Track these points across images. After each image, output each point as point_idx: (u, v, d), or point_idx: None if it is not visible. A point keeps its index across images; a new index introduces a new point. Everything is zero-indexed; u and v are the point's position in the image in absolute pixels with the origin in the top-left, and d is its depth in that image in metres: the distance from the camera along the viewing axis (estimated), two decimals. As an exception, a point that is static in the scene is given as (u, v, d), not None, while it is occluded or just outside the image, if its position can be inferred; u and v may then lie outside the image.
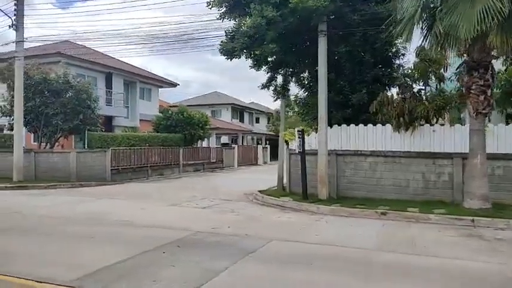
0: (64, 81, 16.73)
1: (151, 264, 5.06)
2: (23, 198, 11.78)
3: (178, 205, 10.73)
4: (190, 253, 5.66)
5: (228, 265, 4.98)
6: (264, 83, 13.72)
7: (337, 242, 6.56)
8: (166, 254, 5.53)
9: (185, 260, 5.26)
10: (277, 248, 6.09)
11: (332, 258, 5.62)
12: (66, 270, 4.74)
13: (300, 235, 7.11)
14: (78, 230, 7.22)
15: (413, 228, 7.80)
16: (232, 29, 12.42)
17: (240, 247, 6.02)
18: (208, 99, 47.52)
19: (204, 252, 5.69)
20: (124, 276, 4.55)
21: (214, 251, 5.75)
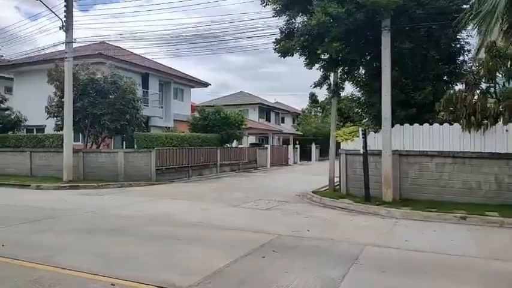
0: (111, 82, 16.86)
1: (261, 269, 4.87)
2: (83, 198, 11.86)
3: (238, 206, 10.55)
4: (292, 258, 5.43)
5: (343, 273, 4.73)
6: (316, 82, 13.43)
7: (434, 248, 6.20)
8: (268, 259, 5.32)
9: (293, 266, 5.02)
10: (376, 254, 5.79)
11: (442, 266, 5.28)
12: (180, 274, 4.59)
13: (389, 240, 6.78)
14: (160, 231, 7.11)
15: (504, 234, 7.35)
16: (288, 26, 12.26)
17: (338, 253, 5.76)
18: (234, 99, 47.53)
19: (306, 258, 5.45)
20: (245, 281, 4.36)
21: (316, 257, 5.51)
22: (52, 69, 17.08)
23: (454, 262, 5.48)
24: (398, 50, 10.77)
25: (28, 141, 18.21)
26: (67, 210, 9.21)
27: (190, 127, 24.55)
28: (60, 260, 5.16)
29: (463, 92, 10.36)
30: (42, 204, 10.49)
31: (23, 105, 22.32)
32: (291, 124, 55.47)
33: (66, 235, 6.76)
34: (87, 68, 17.08)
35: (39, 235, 6.70)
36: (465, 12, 8.92)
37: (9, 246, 5.81)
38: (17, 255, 5.34)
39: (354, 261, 5.27)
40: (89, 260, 5.18)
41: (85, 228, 7.31)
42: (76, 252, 5.63)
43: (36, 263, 5.01)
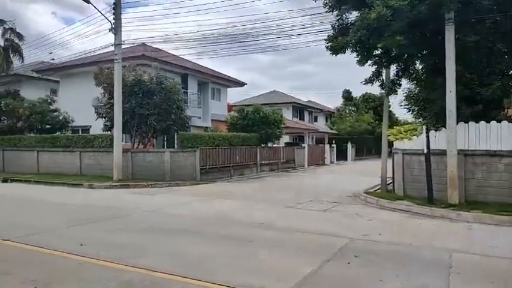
0: (157, 83, 17.07)
1: (353, 277, 4.62)
2: (137, 197, 12.01)
3: (293, 207, 10.31)
4: (379, 265, 5.13)
5: (445, 283, 4.38)
6: (368, 78, 12.95)
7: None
8: (354, 265, 5.05)
9: (385, 274, 4.73)
10: (468, 262, 5.38)
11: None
12: (269, 279, 4.42)
13: (471, 246, 6.33)
14: (228, 232, 6.99)
15: None
16: (340, 22, 11.90)
17: (426, 260, 5.40)
18: (268, 98, 47.32)
19: (393, 265, 5.14)
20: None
21: (404, 264, 5.18)
22: (99, 71, 17.48)
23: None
24: (462, 44, 10.16)
25: (77, 141, 18.77)
26: (128, 210, 9.30)
27: (228, 126, 24.57)
28: (142, 260, 5.12)
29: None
30: (100, 203, 10.69)
31: (68, 107, 23.07)
32: (324, 123, 54.65)
33: (137, 235, 6.77)
34: (134, 70, 17.36)
35: (112, 234, 6.74)
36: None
37: (88, 246, 5.86)
38: (98, 254, 5.35)
39: (449, 269, 4.90)
40: (170, 261, 5.11)
41: (152, 227, 7.31)
42: (154, 252, 5.58)
43: (119, 263, 4.99)
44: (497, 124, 10.30)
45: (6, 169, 20.77)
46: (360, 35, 9.99)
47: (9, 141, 21.27)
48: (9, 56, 20.09)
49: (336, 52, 11.94)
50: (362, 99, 57.21)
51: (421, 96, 11.97)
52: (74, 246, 5.79)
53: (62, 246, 5.80)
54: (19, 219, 8.14)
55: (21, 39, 20.17)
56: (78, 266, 4.94)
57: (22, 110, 20.67)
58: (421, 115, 12.52)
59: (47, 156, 19.39)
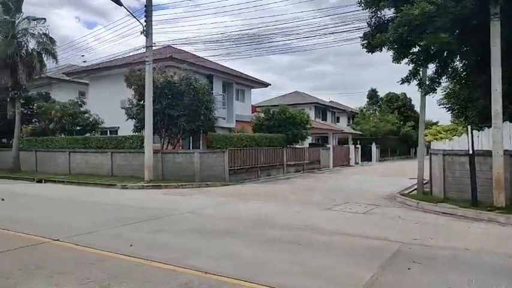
0: (186, 84, 17.15)
1: (421, 284, 4.40)
2: (170, 197, 12.06)
3: (331, 209, 10.10)
4: (441, 271, 4.90)
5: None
6: (404, 77, 12.60)
7: None
8: (416, 271, 4.84)
9: (454, 281, 4.51)
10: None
11: None
12: (334, 285, 4.25)
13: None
14: (274, 234, 6.87)
15: None
16: (377, 20, 11.64)
17: (492, 266, 5.14)
18: (290, 98, 47.06)
19: (458, 272, 4.90)
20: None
21: (469, 271, 4.93)
22: (130, 72, 17.70)
23: None
24: (507, 40, 9.75)
25: (109, 142, 19.07)
26: (166, 211, 9.30)
27: (253, 127, 24.53)
28: (195, 262, 5.06)
29: None
30: (137, 203, 10.76)
31: (97, 109, 23.48)
32: (346, 123, 53.98)
33: (183, 236, 6.74)
34: (164, 71, 17.51)
35: (158, 235, 6.72)
36: None
37: (138, 247, 5.85)
38: (150, 255, 5.32)
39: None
40: (224, 264, 5.03)
41: (195, 229, 7.27)
42: (205, 254, 5.51)
43: (173, 265, 4.94)
44: (546, 123, 9.84)
45: (39, 169, 21.33)
46: (401, 32, 9.70)
47: (41, 143, 21.85)
48: (42, 59, 20.59)
49: (372, 50, 11.71)
50: (386, 99, 56.21)
51: (462, 95, 11.52)
52: (123, 247, 5.79)
53: (112, 247, 5.80)
54: (63, 219, 8.25)
55: (53, 43, 20.64)
56: (135, 267, 4.92)
57: (54, 112, 21.18)
58: (462, 114, 12.07)
59: (79, 157, 19.79)
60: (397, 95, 58.40)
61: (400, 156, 51.66)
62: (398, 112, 55.26)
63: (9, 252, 5.60)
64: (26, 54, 20.26)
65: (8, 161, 21.97)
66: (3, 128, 24.24)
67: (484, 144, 10.54)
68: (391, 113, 52.07)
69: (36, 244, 6.01)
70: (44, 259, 5.30)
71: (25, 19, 20.22)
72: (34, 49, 20.45)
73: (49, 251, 5.71)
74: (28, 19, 20.35)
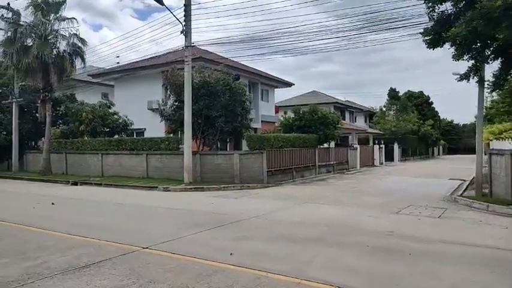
0: (223, 84, 16.78)
1: None
2: (222, 200, 11.69)
3: (400, 213, 9.61)
4: None
5: None
6: (463, 74, 12.11)
7: None
8: None
9: None
10: None
11: None
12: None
13: None
14: (365, 242, 6.39)
15: None
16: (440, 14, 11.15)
17: None
18: (308, 98, 46.57)
19: None
20: None
21: None
22: (171, 72, 17.38)
23: None
24: None
25: (143, 144, 18.76)
26: (232, 215, 8.87)
27: (280, 128, 24.13)
28: (314, 273, 4.67)
29: None
30: (195, 207, 10.39)
31: (123, 110, 23.20)
32: (363, 122, 53.36)
33: (276, 243, 6.31)
34: (202, 71, 17.16)
35: (249, 243, 6.33)
36: None
37: (238, 255, 5.45)
38: (261, 266, 4.93)
39: None
40: (349, 278, 4.59)
41: (282, 235, 6.87)
42: (319, 265, 5.09)
43: (295, 277, 4.54)
44: None
45: (69, 172, 21.14)
46: (475, 26, 9.19)
47: (72, 145, 21.64)
48: (73, 60, 20.37)
49: (435, 45, 11.27)
50: (405, 97, 55.33)
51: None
52: (223, 255, 5.40)
53: (210, 255, 5.42)
54: (136, 225, 7.88)
55: (84, 45, 20.41)
56: (256, 279, 4.50)
57: (85, 114, 20.95)
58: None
59: (112, 159, 19.52)
60: (416, 93, 57.64)
61: (420, 156, 50.88)
62: (417, 110, 54.50)
63: (108, 261, 5.22)
64: (57, 55, 20.04)
65: (37, 164, 21.79)
66: (31, 131, 24.14)
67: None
68: (412, 112, 51.32)
69: (129, 253, 5.63)
70: (150, 269, 4.91)
71: (56, 19, 19.96)
72: (65, 50, 20.21)
73: (148, 259, 5.32)
74: (58, 19, 20.12)
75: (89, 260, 5.20)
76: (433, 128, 55.01)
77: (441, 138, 61.40)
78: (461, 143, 69.10)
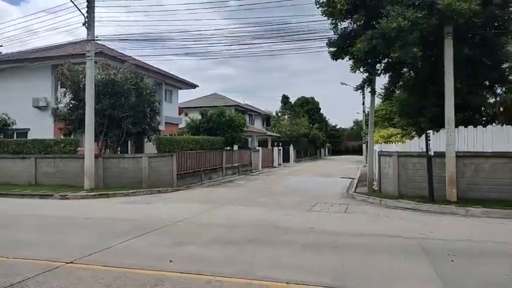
0: (130, 83, 15.84)
1: (488, 273, 4.89)
2: (135, 206, 11.02)
3: (312, 211, 10.37)
4: (485, 262, 5.50)
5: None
6: (359, 85, 13.72)
7: None
8: (462, 264, 5.34)
9: (503, 269, 5.10)
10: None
11: None
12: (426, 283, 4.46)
13: (505, 238, 7.11)
14: (296, 239, 6.78)
15: None
16: (342, 30, 12.39)
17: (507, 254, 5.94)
18: (209, 100, 46.86)
19: (495, 261, 5.56)
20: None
21: (502, 259, 5.63)
22: (67, 67, 15.68)
23: None
24: (455, 56, 11.27)
25: (32, 146, 16.50)
26: (153, 221, 8.45)
27: (187, 130, 23.89)
28: (263, 273, 4.79)
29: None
30: (106, 214, 9.60)
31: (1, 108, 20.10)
32: (261, 125, 55.88)
33: (213, 247, 6.23)
34: (107, 68, 15.92)
35: (186, 248, 6.13)
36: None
37: (179, 262, 5.27)
38: (207, 271, 4.86)
39: None
40: (298, 273, 4.84)
41: (215, 239, 6.82)
42: (264, 265, 5.23)
43: (247, 278, 4.62)
44: (483, 129, 11.66)
45: None
46: (375, 44, 10.50)
47: None
48: None
49: (337, 57, 12.45)
50: (298, 103, 59.75)
51: (412, 103, 12.93)
52: (163, 264, 5.17)
53: (150, 264, 5.14)
54: (48, 238, 6.93)
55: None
56: (207, 284, 4.44)
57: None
58: (412, 120, 13.55)
59: (-13, 163, 16.70)
60: (308, 99, 62.67)
61: (310, 157, 55.46)
62: (308, 115, 59.36)
63: (30, 281, 4.53)
64: None
65: None
66: None
67: (434, 147, 11.93)
68: (303, 116, 55.56)
69: (53, 269, 4.96)
70: (86, 286, 4.42)
71: None
72: None
73: (78, 275, 4.76)
74: None
75: (4, 282, 4.44)
76: (321, 132, 60.45)
77: (327, 141, 67.77)
78: (342, 145, 77.41)
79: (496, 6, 10.96)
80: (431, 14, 10.14)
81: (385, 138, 13.74)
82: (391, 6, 10.24)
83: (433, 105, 11.74)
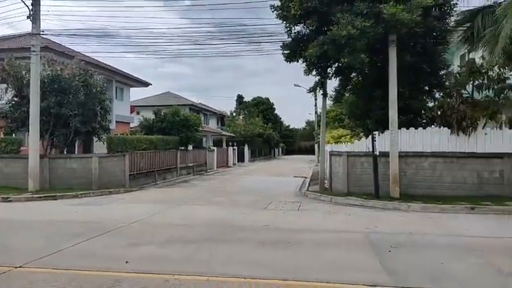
0: (79, 80, 15.20)
1: (422, 260, 5.39)
2: (85, 208, 10.65)
3: (267, 209, 10.66)
4: (423, 252, 6.05)
5: (483, 261, 5.54)
6: (311, 87, 14.26)
7: (491, 234, 7.47)
8: (404, 254, 5.85)
9: (438, 258, 5.65)
10: (483, 243, 6.72)
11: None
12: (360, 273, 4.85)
13: (454, 231, 7.83)
14: (251, 236, 6.98)
15: None
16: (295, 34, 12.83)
17: (448, 245, 6.60)
18: (164, 99, 46.00)
19: (431, 251, 6.13)
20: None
21: (440, 250, 6.23)
22: (8, 62, 14.71)
23: None
24: (399, 62, 12.11)
25: (-34, 145, 15.29)
26: (105, 223, 8.24)
27: (140, 129, 23.37)
28: (223, 270, 4.95)
29: (452, 101, 12.19)
30: (51, 217, 9.19)
31: None
32: (216, 125, 55.84)
33: (170, 247, 6.27)
34: (52, 63, 15.14)
35: (142, 249, 6.09)
36: (464, 32, 10.64)
37: (136, 263, 5.25)
38: (167, 270, 4.92)
39: (472, 251, 6.07)
40: (253, 269, 5.04)
41: (171, 238, 6.84)
42: (221, 262, 5.37)
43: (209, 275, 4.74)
44: (423, 130, 12.63)
45: None
46: (326, 49, 11.01)
47: None
48: None
49: (291, 60, 12.88)
50: (253, 103, 60.35)
51: (360, 105, 13.67)
52: (120, 265, 5.14)
53: (106, 266, 5.08)
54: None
55: None
56: (164, 283, 4.49)
57: None
58: (360, 122, 14.30)
59: None
60: (263, 99, 63.46)
61: (264, 156, 56.26)
62: (262, 116, 60.16)
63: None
64: None
65: None
66: None
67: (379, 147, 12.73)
68: (257, 116, 56.20)
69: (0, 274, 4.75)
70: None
71: None
72: None
73: (29, 279, 4.59)
74: None
75: None
76: (275, 132, 61.52)
77: (281, 141, 69.07)
78: (296, 145, 79.27)
79: (434, 18, 11.93)
80: (377, 23, 10.82)
81: (336, 138, 14.44)
82: (341, 14, 10.80)
83: (379, 108, 12.50)
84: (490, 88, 12.94)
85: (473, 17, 11.22)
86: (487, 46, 10.20)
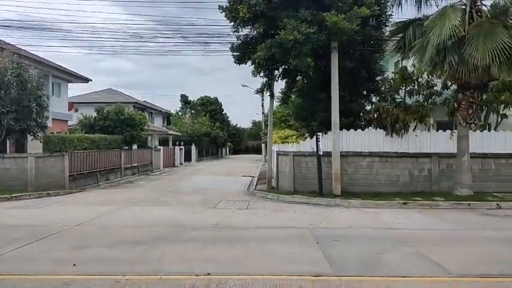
0: (12, 74, 14.16)
1: (362, 251, 5.90)
2: (22, 211, 10.05)
3: (217, 208, 10.83)
4: (361, 244, 6.59)
5: (416, 250, 6.19)
6: (259, 88, 14.67)
7: (421, 226, 8.32)
8: (345, 246, 6.34)
9: (375, 249, 6.21)
10: (413, 235, 7.45)
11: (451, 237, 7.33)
12: (310, 264, 5.22)
13: (391, 224, 8.56)
14: (202, 235, 7.09)
15: (447, 213, 10.05)
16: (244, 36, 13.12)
17: (382, 237, 7.22)
18: (105, 96, 44.09)
19: (370, 243, 6.70)
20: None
21: (374, 241, 6.82)
22: None
23: (452, 235, 7.61)
24: (340, 68, 12.89)
25: None
26: (47, 226, 7.86)
27: (79, 127, 22.28)
28: (173, 268, 5.04)
29: (387, 105, 13.23)
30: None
31: None
32: (161, 124, 54.65)
33: (118, 248, 6.18)
34: (-19, 56, 13.95)
35: (89, 251, 5.95)
36: (398, 41, 11.66)
37: (84, 265, 5.16)
38: (116, 271, 4.90)
39: (404, 242, 6.74)
40: (208, 266, 5.19)
41: (120, 240, 6.73)
42: (175, 260, 5.47)
43: (160, 274, 4.81)
44: (361, 132, 13.55)
45: None
46: (274, 52, 11.42)
47: None
48: None
49: (241, 62, 13.15)
50: (200, 102, 59.78)
51: (306, 107, 14.30)
52: (67, 268, 5.02)
53: (52, 270, 4.94)
54: None
55: None
56: (116, 283, 4.49)
57: None
58: (306, 123, 14.93)
59: None
60: (212, 98, 63.03)
61: (212, 156, 56.08)
62: (210, 115, 59.83)
63: None
64: None
65: None
66: None
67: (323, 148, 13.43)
68: (204, 115, 55.83)
69: None
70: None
71: None
72: None
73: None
74: None
75: None
76: (222, 131, 61.51)
77: (229, 140, 69.20)
78: (243, 144, 79.88)
79: (372, 27, 12.87)
80: (321, 30, 11.44)
81: (283, 138, 14.95)
82: (288, 20, 11.26)
83: (323, 110, 13.19)
84: (420, 94, 14.22)
85: (406, 28, 12.26)
86: (417, 55, 11.22)
